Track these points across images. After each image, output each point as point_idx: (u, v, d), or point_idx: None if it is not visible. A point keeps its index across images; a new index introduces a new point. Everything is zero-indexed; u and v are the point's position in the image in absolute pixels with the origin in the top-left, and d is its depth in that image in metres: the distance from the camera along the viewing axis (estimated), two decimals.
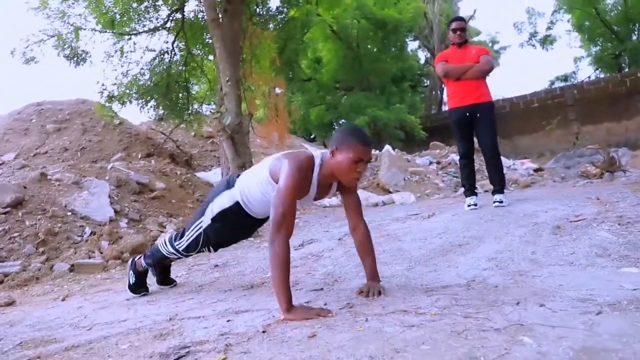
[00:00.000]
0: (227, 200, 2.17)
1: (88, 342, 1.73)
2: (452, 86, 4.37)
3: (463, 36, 4.32)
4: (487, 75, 4.28)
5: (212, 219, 2.21)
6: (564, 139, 13.62)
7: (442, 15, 20.09)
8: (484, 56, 4.23)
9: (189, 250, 2.35)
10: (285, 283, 1.74)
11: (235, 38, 7.19)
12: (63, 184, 4.91)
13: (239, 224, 2.25)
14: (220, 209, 2.18)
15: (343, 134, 1.89)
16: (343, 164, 1.84)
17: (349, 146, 1.83)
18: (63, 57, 8.28)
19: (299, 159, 1.88)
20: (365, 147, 1.85)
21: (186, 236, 2.33)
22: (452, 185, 7.67)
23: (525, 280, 1.90)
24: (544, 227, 2.87)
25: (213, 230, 2.23)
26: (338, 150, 1.86)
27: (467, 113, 4.21)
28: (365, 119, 14.85)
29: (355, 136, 1.86)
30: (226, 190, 2.19)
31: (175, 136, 9.97)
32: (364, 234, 2.05)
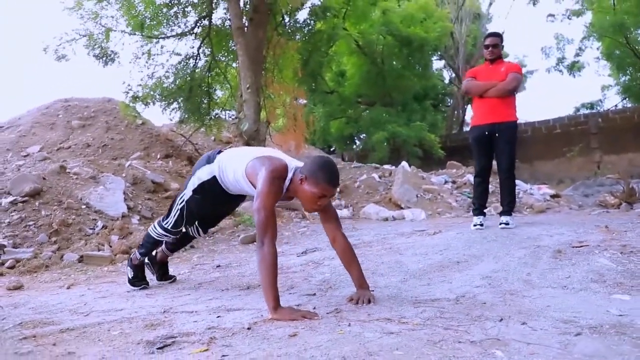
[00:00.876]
0: (206, 174, 2.31)
1: (83, 327, 1.80)
2: (475, 103, 4.35)
3: (495, 52, 4.22)
4: (511, 94, 4.15)
5: (193, 190, 2.35)
6: (586, 167, 13.39)
7: (469, 36, 20.09)
8: (511, 74, 4.10)
9: (176, 225, 2.46)
10: (273, 284, 1.78)
11: (259, 47, 7.35)
12: (81, 177, 5.06)
13: (216, 197, 2.37)
14: (200, 181, 2.33)
15: (315, 166, 1.94)
16: (307, 194, 1.94)
17: (317, 181, 1.90)
18: (93, 56, 8.58)
19: (275, 168, 1.97)
20: (332, 187, 1.93)
21: (172, 213, 2.45)
22: (465, 206, 7.61)
23: (514, 299, 1.91)
24: (545, 251, 2.85)
25: (194, 202, 2.37)
26: (307, 180, 1.93)
27: (487, 132, 4.15)
28: (385, 134, 14.87)
29: (325, 173, 1.91)
30: (206, 164, 2.33)
31: (195, 139, 10.15)
32: (345, 244, 2.10)
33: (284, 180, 2.00)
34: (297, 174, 2.00)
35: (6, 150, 8.11)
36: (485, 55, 4.34)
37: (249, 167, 2.09)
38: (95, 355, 1.46)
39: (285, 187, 2.02)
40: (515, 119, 4.19)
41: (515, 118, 4.19)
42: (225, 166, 2.25)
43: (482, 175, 4.35)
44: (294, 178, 2.00)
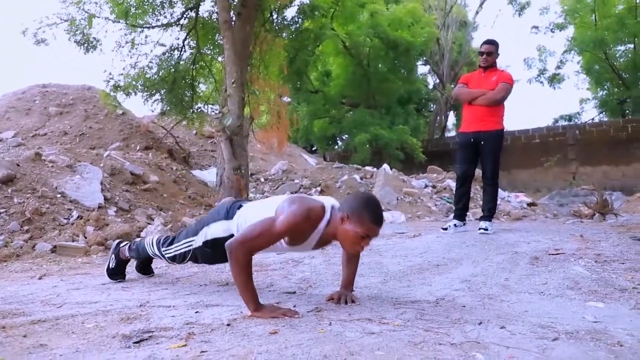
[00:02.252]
0: (222, 231, 2.07)
1: (55, 318, 1.75)
2: (464, 110, 4.42)
3: (489, 60, 4.27)
4: (498, 104, 4.21)
5: (204, 242, 2.13)
6: (561, 177, 13.70)
7: (455, 44, 20.32)
8: (501, 84, 4.16)
9: (174, 260, 2.30)
10: (250, 286, 1.75)
11: (246, 42, 7.29)
12: (56, 166, 4.93)
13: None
14: (213, 237, 2.09)
15: (359, 204, 1.80)
16: (349, 234, 1.78)
17: (361, 220, 1.75)
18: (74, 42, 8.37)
19: (309, 207, 1.80)
20: (377, 226, 1.78)
21: (175, 246, 2.26)
22: (444, 210, 7.70)
23: (492, 303, 1.92)
24: (523, 257, 2.89)
25: (202, 253, 2.18)
26: (349, 219, 1.77)
27: (472, 139, 4.22)
28: (367, 136, 14.95)
29: (370, 212, 1.77)
30: (224, 219, 2.09)
31: (176, 132, 10.03)
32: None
33: (316, 222, 1.82)
34: (336, 213, 1.83)
35: None
36: (479, 62, 4.40)
37: (280, 208, 1.85)
38: (68, 348, 1.41)
39: (320, 233, 1.85)
40: (501, 128, 4.25)
41: (501, 127, 4.26)
42: (247, 222, 1.94)
43: (463, 181, 4.41)
44: (332, 218, 1.83)
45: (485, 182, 4.33)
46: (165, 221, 4.92)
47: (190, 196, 6.48)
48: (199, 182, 7.64)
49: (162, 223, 4.73)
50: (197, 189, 7.04)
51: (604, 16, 16.46)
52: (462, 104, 4.51)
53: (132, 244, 2.58)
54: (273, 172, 9.82)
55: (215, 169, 8.21)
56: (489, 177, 4.26)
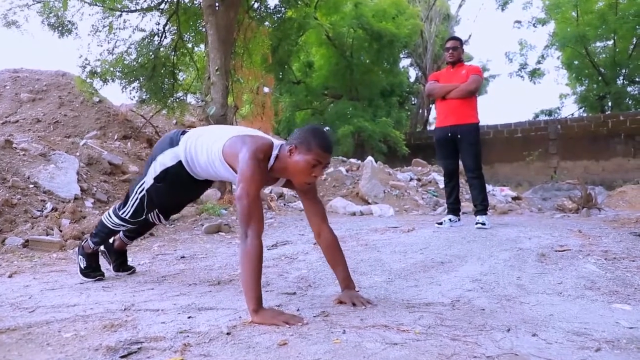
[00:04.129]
0: (169, 159, 2.03)
1: (27, 326, 1.53)
2: (437, 105, 4.40)
3: (455, 55, 4.28)
4: (471, 95, 4.19)
5: (155, 178, 2.06)
6: (543, 172, 13.79)
7: (438, 37, 20.27)
8: (472, 75, 4.16)
9: (135, 215, 2.16)
10: (256, 282, 1.57)
11: (230, 28, 7.01)
12: (29, 154, 4.62)
13: (182, 185, 2.10)
14: (163, 167, 2.04)
15: (306, 132, 1.74)
16: (299, 164, 1.71)
17: (310, 147, 1.69)
18: (47, 25, 7.96)
19: (258, 147, 1.73)
20: (327, 152, 1.72)
21: (130, 201, 2.15)
22: (432, 204, 7.61)
23: (512, 305, 1.78)
24: (529, 254, 2.77)
25: (156, 191, 2.09)
26: (297, 149, 1.71)
27: (449, 133, 4.20)
28: (350, 128, 14.79)
29: (319, 138, 1.71)
30: (169, 148, 2.04)
31: (156, 122, 9.69)
32: (331, 239, 1.91)
33: (268, 160, 1.77)
34: (284, 148, 1.78)
35: None
36: (446, 58, 4.40)
37: (227, 145, 1.84)
38: None
39: (270, 166, 1.79)
40: (476, 121, 4.24)
41: (477, 120, 4.25)
42: (195, 148, 1.97)
43: (450, 176, 4.39)
44: (281, 153, 1.78)
45: (469, 175, 4.27)
46: None
47: None
48: None
49: None
50: None
51: (585, 12, 16.60)
52: (436, 100, 4.43)
53: (92, 232, 2.42)
54: None
55: None
56: (472, 170, 4.20)
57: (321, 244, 1.94)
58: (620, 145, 13.19)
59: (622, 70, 17.07)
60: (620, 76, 17.28)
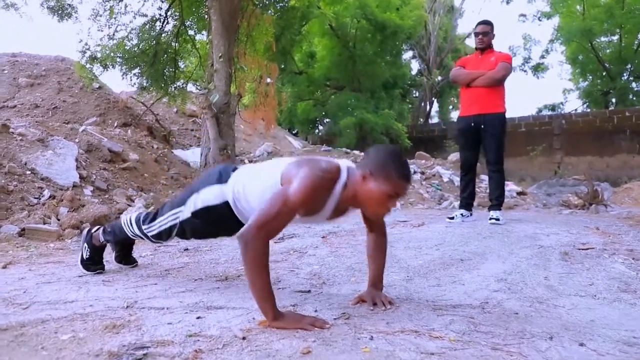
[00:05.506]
0: (214, 197, 1.76)
1: (20, 325, 1.39)
2: (462, 93, 4.18)
3: (485, 41, 4.04)
4: (499, 83, 3.98)
5: (193, 213, 1.81)
6: (546, 167, 13.66)
7: (442, 29, 20.04)
8: (501, 63, 3.95)
9: (159, 238, 1.96)
10: (268, 287, 1.42)
11: (234, 14, 6.84)
12: (26, 139, 4.47)
13: (223, 225, 1.84)
14: (204, 205, 1.78)
15: (384, 158, 1.51)
16: (374, 194, 1.50)
17: (388, 176, 1.48)
18: (47, 8, 7.77)
19: (322, 169, 1.50)
20: (406, 182, 1.52)
21: (158, 222, 1.93)
22: (436, 198, 7.48)
23: (547, 309, 1.64)
24: (551, 252, 2.64)
25: (191, 226, 1.85)
26: (372, 176, 1.49)
27: (472, 123, 3.99)
28: (353, 120, 14.63)
29: (398, 167, 1.50)
30: (217, 184, 1.77)
31: (156, 110, 9.52)
32: (381, 235, 1.82)
33: (331, 186, 1.52)
34: (355, 173, 1.54)
35: None
36: (475, 44, 4.17)
37: (286, 172, 1.56)
38: None
39: (336, 199, 1.55)
40: (503, 110, 4.04)
41: (503, 109, 4.05)
42: (248, 188, 1.69)
43: (467, 169, 4.20)
44: (350, 180, 1.54)
45: (490, 168, 4.10)
46: (147, 203, 4.53)
47: (173, 177, 6.07)
48: (181, 162, 7.21)
49: (143, 205, 4.34)
50: (180, 169, 6.62)
51: (591, 6, 16.38)
52: (460, 87, 4.25)
53: (106, 227, 2.22)
54: (258, 153, 9.43)
55: (198, 149, 7.79)
56: (493, 163, 4.03)
57: (369, 237, 1.83)
58: (625, 142, 13.04)
59: (628, 65, 16.88)
60: (625, 72, 17.10)
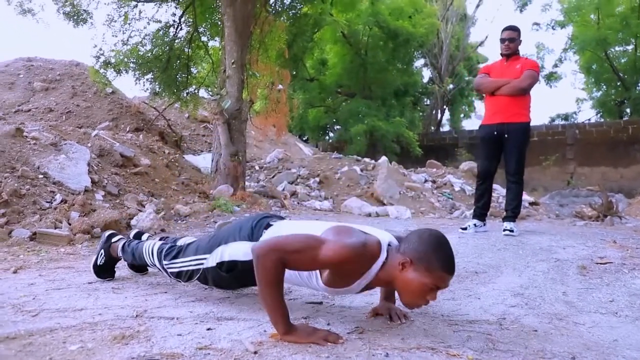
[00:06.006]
0: (242, 254, 1.65)
1: (28, 334, 1.37)
2: (486, 101, 4.10)
3: (511, 47, 3.93)
4: (524, 93, 3.87)
5: (219, 264, 1.72)
6: (559, 177, 13.51)
7: (454, 37, 19.99)
8: (527, 71, 3.83)
9: (178, 277, 1.88)
10: (280, 300, 1.38)
11: (247, 20, 6.86)
12: (40, 143, 4.49)
13: (247, 282, 1.75)
14: (231, 259, 1.69)
15: (427, 246, 1.41)
16: (413, 284, 1.40)
17: (430, 268, 1.38)
18: (63, 14, 7.86)
19: (362, 244, 1.41)
20: (450, 275, 1.42)
21: (180, 262, 1.85)
22: (448, 207, 7.40)
23: (567, 327, 1.59)
24: (568, 265, 2.57)
25: (214, 276, 1.76)
26: (413, 264, 1.40)
27: (495, 132, 3.90)
28: (363, 127, 14.60)
29: (442, 258, 1.40)
30: (247, 240, 1.67)
31: (168, 115, 9.57)
32: None
33: (371, 263, 1.44)
34: (394, 255, 1.45)
35: None
36: (501, 50, 4.06)
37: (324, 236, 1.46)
38: None
39: (371, 277, 1.47)
40: (527, 120, 3.93)
41: (528, 119, 3.94)
42: None
43: (484, 178, 4.11)
44: (390, 261, 1.45)
45: (509, 179, 4.01)
46: (157, 208, 4.53)
47: (184, 182, 6.07)
48: (192, 167, 7.22)
49: (154, 210, 4.33)
50: (191, 175, 6.63)
51: (606, 15, 16.23)
52: (484, 96, 4.18)
53: (126, 243, 2.15)
54: (269, 160, 9.42)
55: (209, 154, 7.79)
56: (513, 174, 3.94)
57: None
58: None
59: None
60: None
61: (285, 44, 9.37)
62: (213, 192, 5.73)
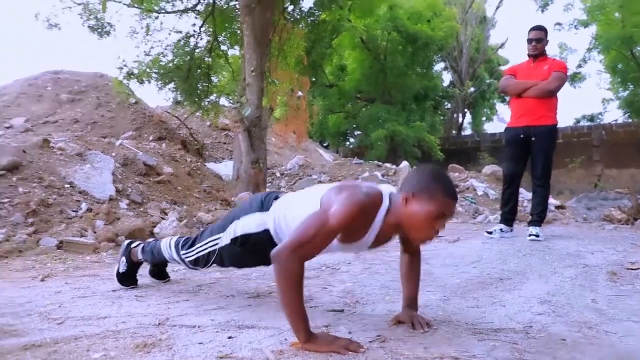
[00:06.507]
0: (255, 225, 1.72)
1: (54, 342, 1.39)
2: (512, 104, 4.03)
3: (539, 48, 3.86)
4: (551, 95, 3.79)
5: (233, 240, 1.77)
6: (585, 180, 13.18)
7: (474, 40, 19.79)
8: (555, 73, 3.75)
9: (196, 264, 1.94)
10: (301, 308, 1.37)
11: (266, 29, 6.92)
12: (66, 153, 4.60)
13: (262, 254, 1.71)
14: (244, 233, 1.74)
15: (427, 177, 1.45)
16: (419, 216, 1.42)
17: (433, 195, 1.41)
18: (87, 27, 8.09)
19: (363, 194, 1.45)
20: (454, 200, 1.45)
21: (196, 248, 1.91)
22: (471, 212, 7.29)
23: (597, 336, 1.54)
24: (597, 271, 2.50)
25: (230, 253, 1.81)
26: (415, 197, 1.42)
27: (521, 135, 3.83)
28: (384, 132, 14.54)
29: (443, 184, 1.43)
30: (258, 212, 1.74)
31: (190, 124, 9.71)
32: (416, 257, 1.74)
33: (373, 212, 1.47)
34: (397, 197, 1.49)
35: None
36: (527, 51, 3.98)
37: (326, 198, 1.50)
38: None
39: (378, 226, 1.49)
40: (554, 123, 3.85)
41: (555, 121, 3.86)
42: (290, 216, 1.63)
43: (511, 182, 4.03)
44: (394, 205, 1.48)
45: (535, 182, 3.93)
46: (180, 216, 4.58)
47: (206, 190, 6.13)
48: (213, 175, 7.30)
49: (176, 218, 4.38)
50: (212, 183, 6.70)
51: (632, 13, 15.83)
52: (510, 98, 4.11)
53: (145, 245, 2.21)
54: (289, 166, 9.45)
55: (230, 162, 7.87)
56: (539, 177, 3.86)
57: (403, 257, 1.75)
58: None
59: None
60: None
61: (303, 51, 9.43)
62: (234, 199, 5.77)
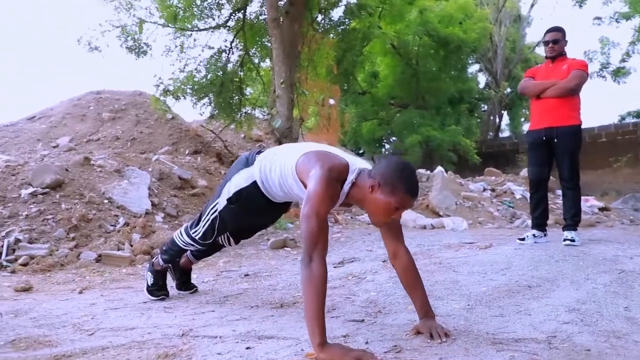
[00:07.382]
0: (244, 180, 1.94)
1: (83, 352, 1.47)
2: (532, 106, 3.92)
3: (556, 49, 3.77)
4: (572, 93, 3.68)
5: (228, 199, 1.97)
6: (632, 179, 12.58)
7: (508, 40, 19.33)
8: (574, 71, 3.64)
9: (205, 237, 2.11)
10: (321, 312, 1.40)
11: (294, 41, 7.03)
12: (105, 170, 4.81)
13: (256, 207, 1.99)
14: (237, 189, 1.95)
15: (393, 171, 1.57)
16: (380, 204, 1.57)
17: (394, 190, 1.54)
18: (125, 48, 8.43)
19: (333, 165, 1.60)
20: (413, 197, 1.58)
21: (202, 221, 2.09)
22: (508, 216, 7.11)
23: (626, 346, 1.48)
24: (634, 278, 2.39)
25: (229, 213, 2.00)
26: (381, 187, 1.56)
27: (544, 137, 3.71)
28: (418, 137, 14.38)
29: (406, 181, 1.55)
30: (245, 168, 1.97)
31: (224, 136, 9.91)
32: (407, 262, 1.72)
33: (342, 182, 1.63)
34: (365, 178, 1.62)
35: (36, 141, 8.02)
36: (545, 53, 3.90)
37: (300, 162, 1.71)
38: None
39: (345, 192, 1.65)
40: (577, 123, 3.71)
41: (578, 121, 3.72)
42: (269, 167, 1.87)
43: (536, 187, 3.90)
44: (359, 182, 1.63)
45: (564, 185, 3.80)
46: None
47: None
48: None
49: None
50: None
51: None
52: (530, 100, 4.00)
53: (161, 248, 2.39)
54: None
55: None
56: (567, 179, 3.72)
57: (396, 267, 1.75)
58: None
59: None
60: None
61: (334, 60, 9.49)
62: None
